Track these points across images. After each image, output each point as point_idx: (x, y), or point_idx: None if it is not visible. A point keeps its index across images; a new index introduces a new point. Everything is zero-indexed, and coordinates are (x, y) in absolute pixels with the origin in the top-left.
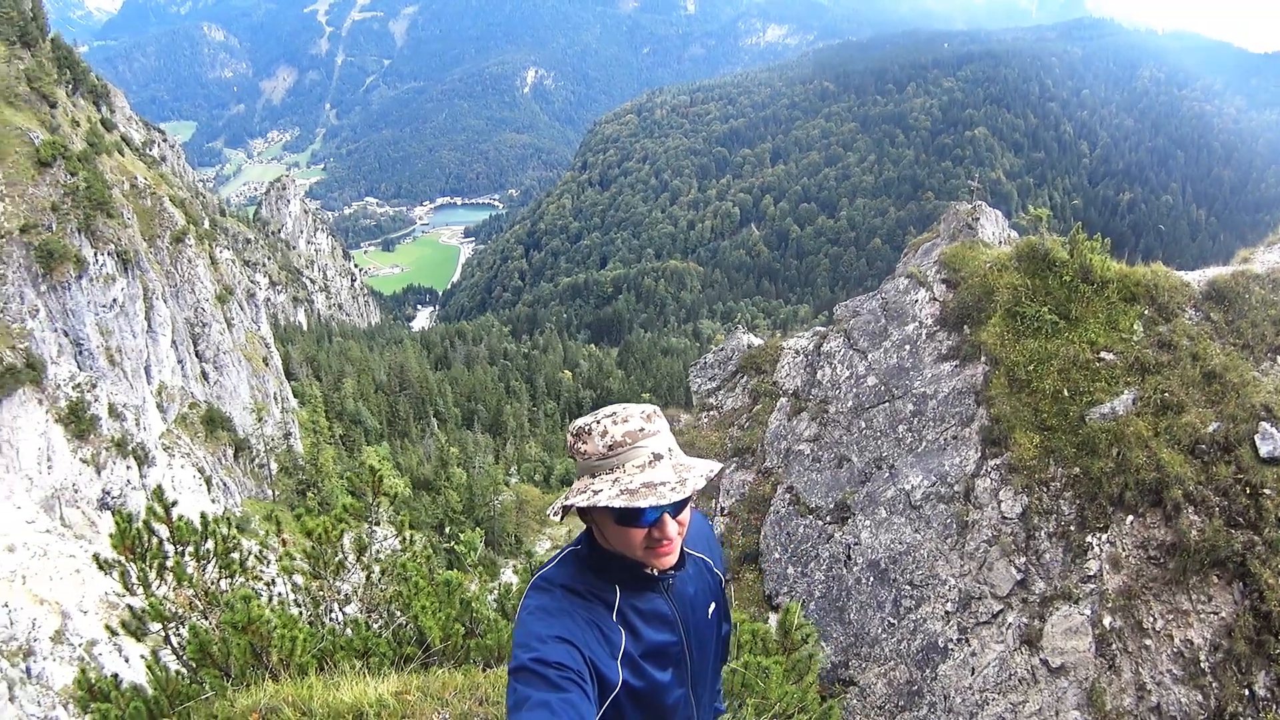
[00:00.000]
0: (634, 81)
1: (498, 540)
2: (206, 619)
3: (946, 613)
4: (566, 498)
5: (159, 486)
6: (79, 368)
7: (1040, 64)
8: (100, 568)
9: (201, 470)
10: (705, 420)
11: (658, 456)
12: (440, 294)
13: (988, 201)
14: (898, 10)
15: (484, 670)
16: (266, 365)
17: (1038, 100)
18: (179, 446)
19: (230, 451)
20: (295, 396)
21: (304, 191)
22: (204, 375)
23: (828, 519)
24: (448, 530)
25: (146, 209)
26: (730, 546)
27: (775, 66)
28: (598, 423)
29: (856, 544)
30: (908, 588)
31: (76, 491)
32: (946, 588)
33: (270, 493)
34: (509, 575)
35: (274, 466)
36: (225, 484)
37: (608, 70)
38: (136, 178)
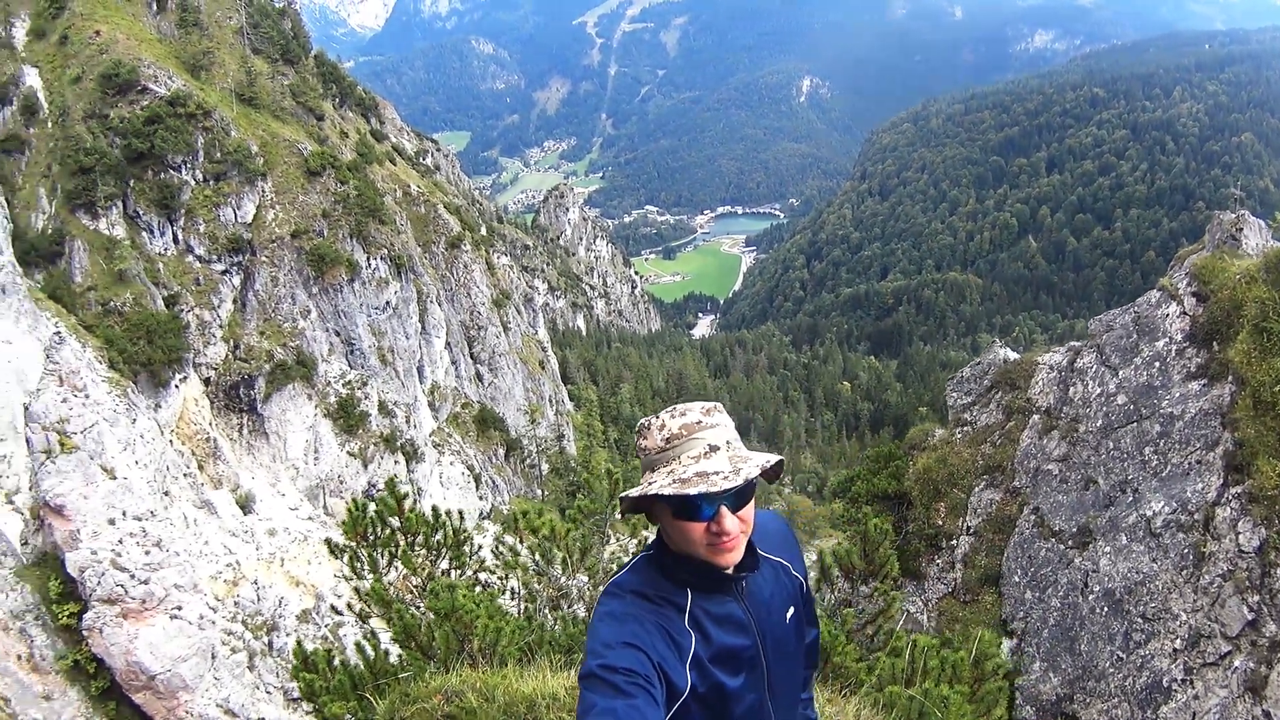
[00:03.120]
0: (907, 89)
1: None
2: (419, 606)
3: (1174, 650)
4: (626, 493)
5: (391, 478)
6: (350, 366)
7: None
8: (331, 552)
9: (471, 468)
10: (959, 436)
11: (714, 448)
12: (721, 302)
13: (1254, 211)
14: (1157, 12)
15: None
16: (543, 368)
17: None
18: (449, 444)
19: (501, 451)
20: (571, 400)
21: (582, 199)
22: (478, 376)
23: (1069, 543)
24: None
25: (420, 215)
26: (972, 568)
27: (1045, 73)
28: (657, 417)
29: (1095, 571)
30: (1139, 620)
31: (341, 483)
32: (1178, 623)
33: (539, 492)
34: None
35: (545, 467)
36: (494, 482)
37: (881, 78)
38: (410, 185)
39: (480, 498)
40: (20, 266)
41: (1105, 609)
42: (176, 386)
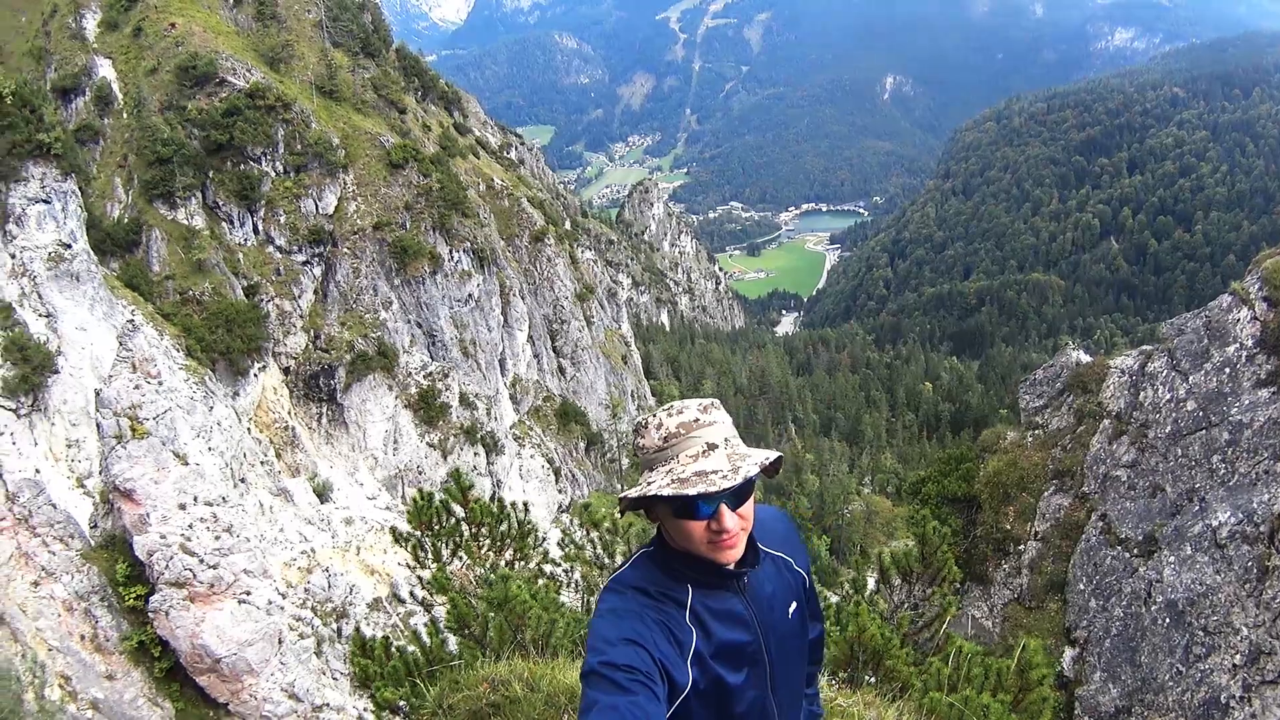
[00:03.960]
0: (990, 87)
1: (843, 549)
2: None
3: (1234, 665)
4: (625, 493)
5: (457, 469)
6: (431, 358)
7: None
8: (396, 540)
9: (551, 461)
10: (1030, 439)
11: (712, 446)
12: (805, 300)
13: None
14: (1235, 10)
15: None
16: (625, 363)
17: None
18: (530, 437)
19: (582, 445)
20: (653, 395)
21: (667, 195)
22: (560, 370)
23: (1135, 551)
24: None
25: (504, 209)
26: (1039, 574)
27: (1125, 72)
28: (654, 416)
29: (1158, 581)
30: (1200, 634)
31: (420, 473)
32: (1239, 638)
33: (619, 486)
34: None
35: (625, 461)
36: (574, 475)
37: (964, 76)
38: (493, 179)
39: (559, 491)
40: (96, 255)
41: (1167, 620)
42: (255, 375)
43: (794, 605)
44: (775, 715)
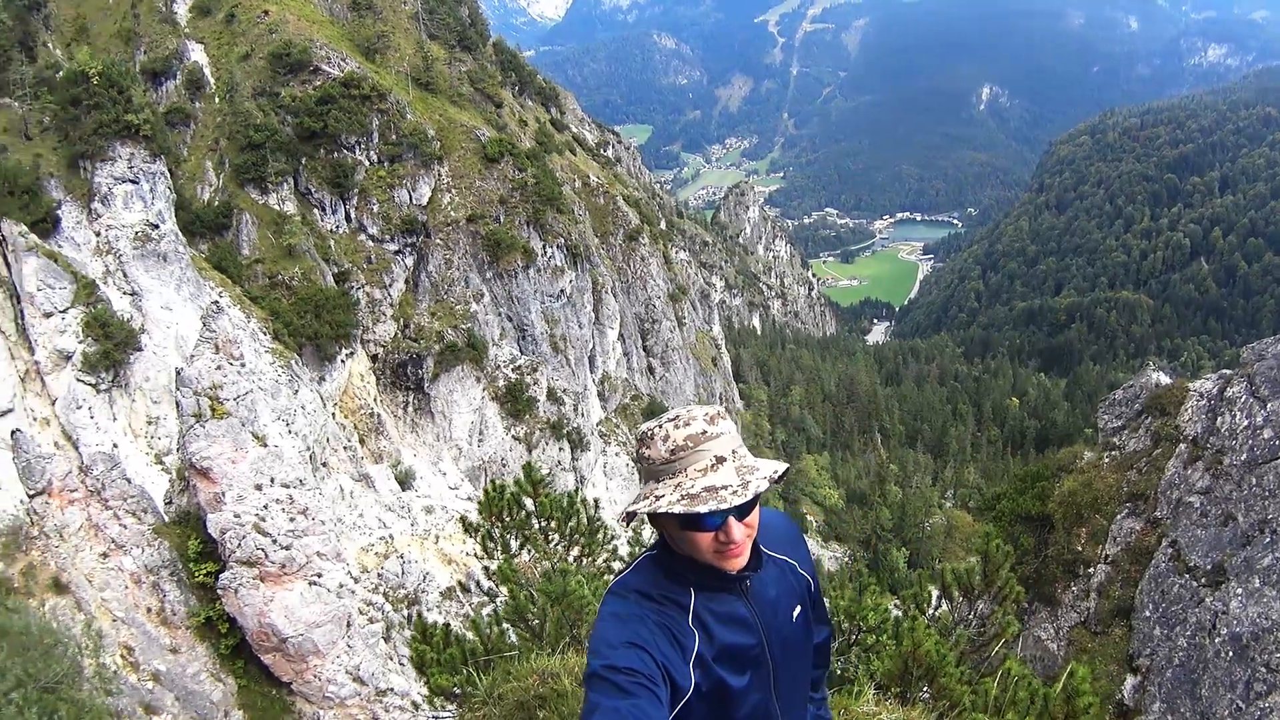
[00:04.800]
0: (1085, 101)
1: (922, 562)
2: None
3: None
4: (631, 504)
5: (529, 463)
6: (521, 351)
7: None
8: (465, 530)
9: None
10: (1106, 460)
11: (720, 460)
12: (897, 309)
13: None
14: None
15: None
16: (715, 365)
17: None
18: (616, 434)
19: None
20: (741, 398)
21: (763, 198)
22: (650, 369)
23: (1202, 580)
24: (874, 545)
25: (599, 206)
26: (1106, 598)
27: (1219, 89)
28: (660, 427)
29: (1224, 612)
30: (1263, 670)
31: (504, 466)
32: None
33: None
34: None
35: None
36: None
37: (1059, 88)
38: (589, 176)
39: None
40: (185, 236)
41: (1230, 654)
42: (343, 361)
43: (798, 609)
44: (779, 718)
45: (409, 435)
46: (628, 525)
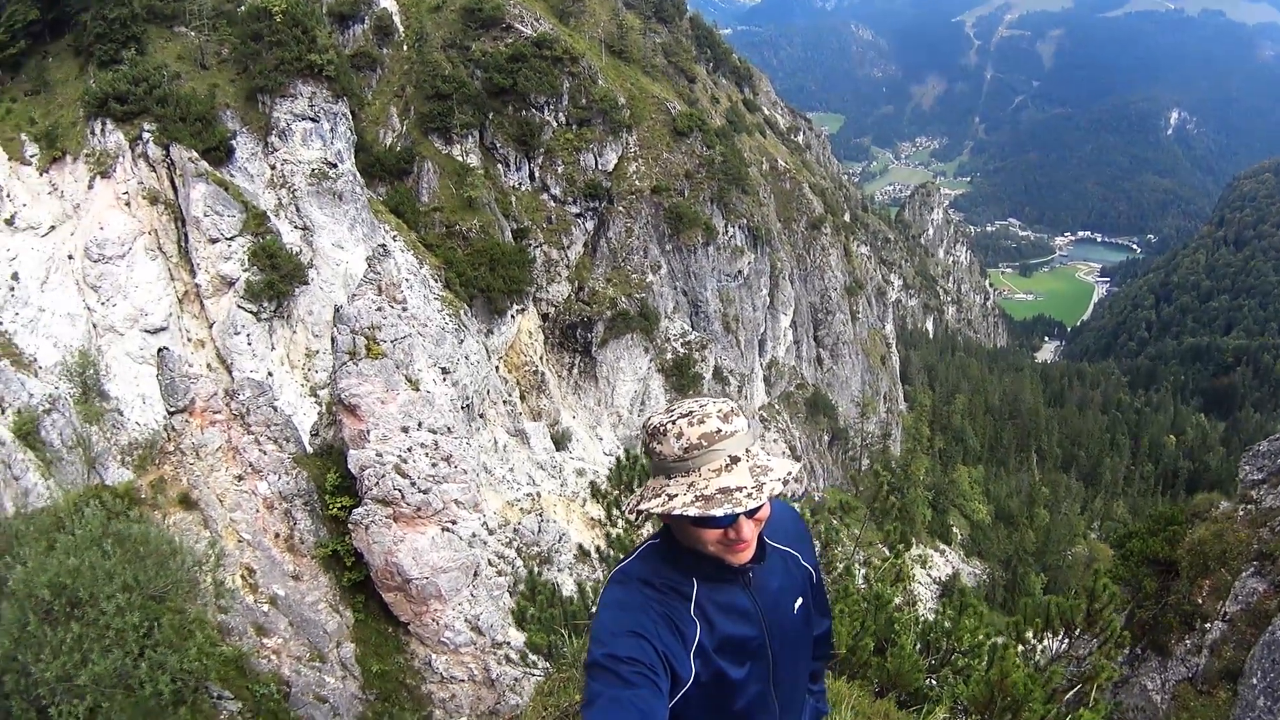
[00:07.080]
0: (1272, 136)
1: (1058, 591)
2: None
3: None
4: (640, 500)
5: None
6: (691, 327)
7: None
8: (594, 496)
9: (793, 448)
10: (1241, 513)
11: (734, 460)
12: (1069, 329)
13: None
14: None
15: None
16: (883, 364)
17: None
18: (776, 421)
19: (826, 438)
20: (905, 401)
21: (947, 202)
22: (818, 360)
23: None
24: (1014, 568)
25: (784, 191)
26: (1218, 657)
27: None
28: (673, 423)
29: None
30: None
31: None
32: None
33: (855, 487)
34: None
35: (865, 462)
36: (813, 467)
37: (1247, 119)
38: (777, 160)
39: (796, 480)
40: (363, 178)
41: None
42: (513, 317)
43: (800, 600)
44: (777, 709)
45: (570, 397)
46: (638, 522)
